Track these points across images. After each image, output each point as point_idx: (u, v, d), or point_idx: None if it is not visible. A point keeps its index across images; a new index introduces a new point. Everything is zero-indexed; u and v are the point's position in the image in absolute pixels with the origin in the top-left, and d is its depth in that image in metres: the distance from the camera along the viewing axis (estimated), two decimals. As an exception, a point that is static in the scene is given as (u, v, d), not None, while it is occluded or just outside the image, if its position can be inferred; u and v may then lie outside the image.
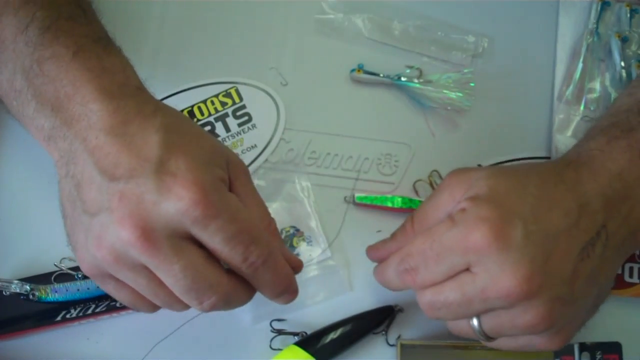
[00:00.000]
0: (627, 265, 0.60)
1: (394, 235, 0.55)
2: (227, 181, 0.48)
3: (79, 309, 0.58)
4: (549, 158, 0.65)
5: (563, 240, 0.47)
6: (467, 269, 0.47)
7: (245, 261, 0.46)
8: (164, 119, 0.47)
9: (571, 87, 0.67)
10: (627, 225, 0.50)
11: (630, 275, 0.60)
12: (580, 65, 0.67)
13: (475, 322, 0.49)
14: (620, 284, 0.60)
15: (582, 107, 0.66)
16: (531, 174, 0.50)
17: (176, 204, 0.43)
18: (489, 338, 0.50)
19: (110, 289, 0.49)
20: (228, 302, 0.47)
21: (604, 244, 0.48)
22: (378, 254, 0.55)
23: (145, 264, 0.44)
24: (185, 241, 0.45)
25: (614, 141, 0.52)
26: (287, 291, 0.50)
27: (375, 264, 0.55)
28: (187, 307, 0.48)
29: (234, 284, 0.47)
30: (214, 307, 0.47)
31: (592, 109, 0.66)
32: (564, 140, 0.65)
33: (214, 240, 0.45)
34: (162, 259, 0.44)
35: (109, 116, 0.46)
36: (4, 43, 0.51)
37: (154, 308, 0.50)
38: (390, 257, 0.52)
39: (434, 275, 0.48)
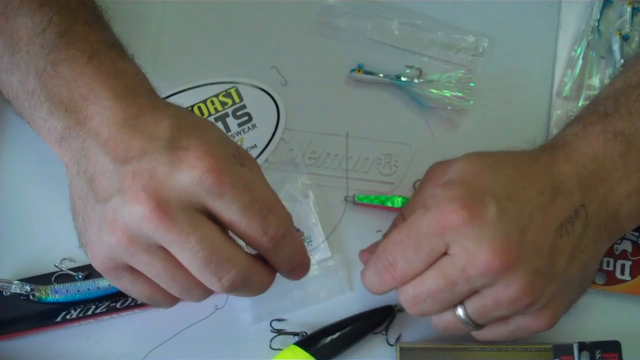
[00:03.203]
0: (619, 262, 0.60)
1: (385, 235, 0.56)
2: (239, 161, 0.47)
3: (79, 309, 0.58)
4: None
5: (538, 217, 0.48)
6: (445, 254, 0.47)
7: (266, 234, 0.45)
8: (175, 110, 0.48)
9: (570, 83, 0.67)
10: (607, 206, 0.50)
11: (622, 272, 0.60)
12: (580, 61, 0.67)
13: (460, 310, 0.49)
14: (611, 280, 0.60)
15: (580, 103, 0.66)
16: (505, 157, 0.51)
17: (190, 173, 0.43)
18: (478, 326, 0.50)
19: (125, 282, 0.48)
20: (247, 281, 0.46)
21: (583, 223, 0.49)
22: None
23: (161, 242, 0.44)
24: (201, 215, 0.44)
25: (589, 126, 0.53)
26: (302, 264, 0.50)
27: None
28: (206, 293, 0.47)
29: (253, 261, 0.46)
30: (234, 285, 0.45)
31: (585, 105, 0.66)
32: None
33: (230, 210, 0.44)
34: (177, 232, 0.43)
35: (122, 111, 0.46)
36: (18, 44, 0.51)
37: (172, 300, 0.49)
38: (369, 258, 0.52)
39: (414, 265, 0.48)
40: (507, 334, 0.51)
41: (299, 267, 0.50)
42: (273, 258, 0.48)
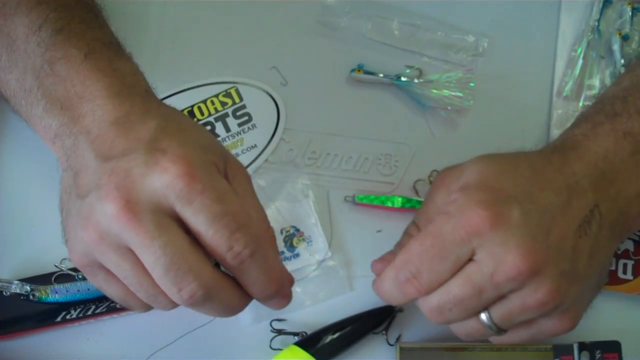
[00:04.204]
0: (621, 262, 0.60)
1: (400, 245, 0.54)
2: (221, 170, 0.46)
3: (79, 309, 0.58)
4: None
5: (559, 218, 0.47)
6: (470, 260, 0.46)
7: (230, 250, 0.43)
8: (166, 111, 0.48)
9: (570, 83, 0.67)
10: (617, 206, 0.50)
11: (624, 272, 0.60)
12: (580, 61, 0.67)
13: (484, 316, 0.48)
14: (613, 279, 0.60)
15: (581, 103, 0.67)
16: (519, 159, 0.51)
17: (161, 176, 0.42)
18: (501, 330, 0.49)
19: (100, 281, 0.47)
20: (209, 297, 0.44)
21: (598, 223, 0.49)
22: (385, 266, 0.51)
23: (128, 243, 0.43)
24: (170, 220, 0.43)
25: (598, 126, 0.52)
26: (278, 294, 0.48)
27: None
28: (172, 302, 0.46)
29: (219, 278, 0.45)
30: (193, 298, 0.44)
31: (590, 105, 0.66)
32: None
33: (197, 219, 0.43)
34: (143, 234, 0.42)
35: (114, 110, 0.46)
36: (15, 43, 0.51)
37: (145, 305, 0.48)
38: (385, 270, 0.50)
39: (440, 274, 0.47)
40: (528, 337, 0.50)
41: (273, 297, 0.47)
42: (241, 279, 0.46)
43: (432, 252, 0.47)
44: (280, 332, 0.59)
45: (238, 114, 0.66)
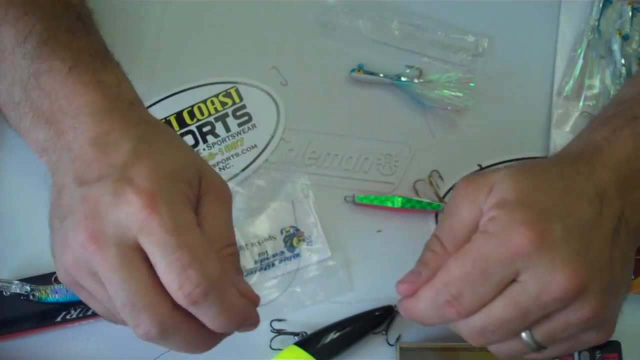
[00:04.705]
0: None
1: (424, 264, 0.49)
2: (191, 198, 0.46)
3: (79, 309, 0.58)
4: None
5: (596, 230, 0.46)
6: (512, 280, 0.45)
7: (181, 289, 0.42)
8: (143, 129, 0.47)
9: (571, 82, 0.67)
10: (638, 212, 0.49)
11: (626, 271, 0.60)
12: (581, 61, 0.68)
13: (525, 335, 0.47)
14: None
15: (581, 103, 0.67)
16: (549, 169, 0.49)
17: (125, 208, 0.42)
18: (542, 348, 0.48)
19: (85, 298, 0.48)
20: (165, 334, 0.43)
21: (625, 230, 0.48)
22: (414, 287, 0.49)
23: (96, 271, 0.43)
24: (135, 253, 0.43)
25: (618, 131, 0.52)
26: (241, 327, 0.46)
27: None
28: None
29: (178, 318, 0.43)
30: (148, 335, 0.43)
31: (591, 105, 0.66)
32: (562, 135, 0.65)
33: (154, 251, 0.42)
34: (105, 266, 0.42)
35: (94, 127, 0.46)
36: (3, 54, 0.51)
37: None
38: (420, 290, 0.48)
39: (483, 297, 0.45)
40: (566, 350, 0.49)
41: (236, 330, 0.46)
42: (199, 317, 0.44)
43: (475, 273, 0.45)
44: (280, 332, 0.59)
45: (238, 114, 0.66)
